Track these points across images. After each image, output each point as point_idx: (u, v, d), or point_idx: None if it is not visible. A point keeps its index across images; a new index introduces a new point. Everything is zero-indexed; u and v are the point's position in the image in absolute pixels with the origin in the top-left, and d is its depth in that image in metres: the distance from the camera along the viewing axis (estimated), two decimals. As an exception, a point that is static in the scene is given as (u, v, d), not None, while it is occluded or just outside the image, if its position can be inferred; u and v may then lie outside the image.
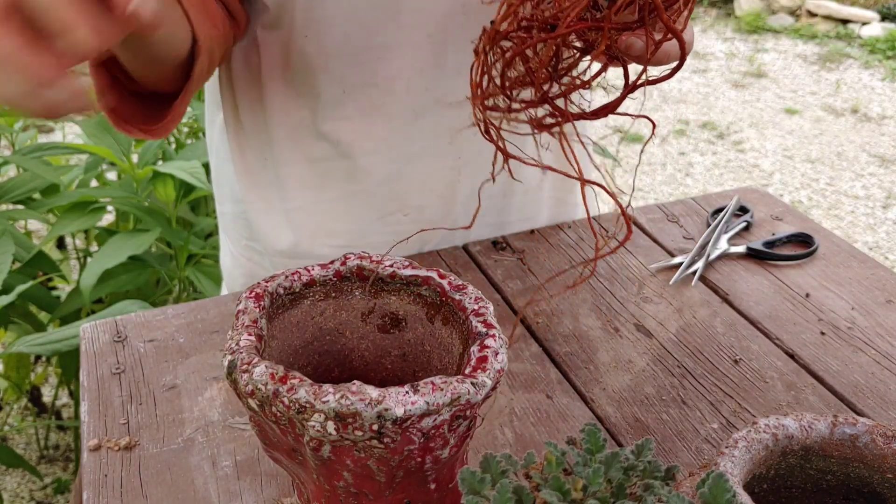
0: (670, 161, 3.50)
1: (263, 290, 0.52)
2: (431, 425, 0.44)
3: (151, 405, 0.67)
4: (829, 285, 0.85)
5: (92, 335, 0.76)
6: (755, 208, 0.97)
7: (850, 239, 2.90)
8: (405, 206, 0.86)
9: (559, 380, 0.71)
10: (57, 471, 1.83)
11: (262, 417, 0.46)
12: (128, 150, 1.59)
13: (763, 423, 0.48)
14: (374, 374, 0.57)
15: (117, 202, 1.62)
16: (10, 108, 0.46)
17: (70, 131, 3.23)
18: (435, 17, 0.76)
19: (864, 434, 0.48)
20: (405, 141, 0.82)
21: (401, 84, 0.79)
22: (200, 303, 0.80)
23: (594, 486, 0.39)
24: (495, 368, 0.46)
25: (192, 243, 1.60)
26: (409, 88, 0.79)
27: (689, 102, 4.07)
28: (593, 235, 0.60)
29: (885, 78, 4.31)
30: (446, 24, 0.77)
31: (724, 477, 0.38)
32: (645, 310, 0.80)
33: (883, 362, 0.74)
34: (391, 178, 0.84)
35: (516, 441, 0.64)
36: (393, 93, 0.80)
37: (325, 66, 0.78)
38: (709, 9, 5.39)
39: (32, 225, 2.48)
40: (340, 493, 0.47)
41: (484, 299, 0.52)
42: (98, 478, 0.60)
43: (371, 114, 0.80)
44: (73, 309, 1.55)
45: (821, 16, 5.00)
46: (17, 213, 1.62)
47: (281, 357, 0.53)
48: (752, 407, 0.68)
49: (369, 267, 0.56)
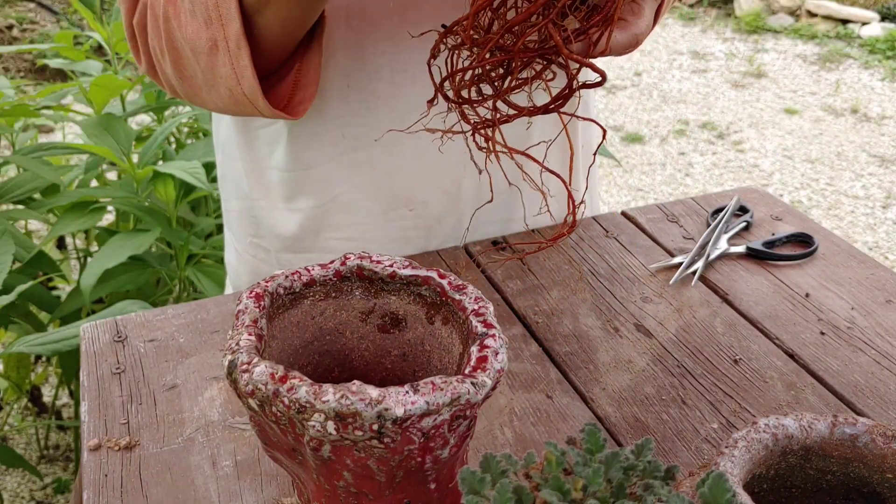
0: (670, 161, 3.50)
1: (263, 289, 0.52)
2: (431, 425, 0.44)
3: (151, 405, 0.67)
4: (829, 285, 0.85)
5: (92, 335, 0.76)
6: (755, 208, 0.97)
7: (850, 239, 2.90)
8: (410, 200, 0.86)
9: (559, 380, 0.71)
10: (57, 471, 1.83)
11: (262, 417, 0.46)
12: (128, 150, 1.59)
13: (763, 423, 0.48)
14: (374, 374, 0.57)
15: (117, 202, 1.62)
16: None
17: (70, 131, 3.23)
18: (440, 10, 0.76)
19: (863, 434, 0.48)
20: (409, 135, 0.82)
21: (405, 77, 0.79)
22: (200, 303, 0.80)
23: (594, 486, 0.39)
24: (495, 368, 0.46)
25: (193, 243, 1.60)
26: (413, 82, 0.80)
27: (689, 102, 4.07)
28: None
29: (885, 78, 4.31)
30: (451, 18, 0.77)
31: (724, 477, 0.38)
32: (645, 310, 0.81)
33: (883, 362, 0.74)
34: (395, 172, 0.84)
35: (516, 441, 0.64)
36: (397, 86, 0.80)
37: (330, 60, 0.78)
38: (709, 9, 5.39)
39: (32, 225, 2.48)
40: (340, 492, 0.47)
41: (484, 299, 0.52)
42: (98, 478, 0.60)
43: (375, 107, 0.81)
44: (73, 309, 1.55)
45: (821, 16, 4.99)
46: (18, 213, 1.62)
47: (281, 357, 0.53)
48: (751, 407, 0.68)
49: (369, 267, 0.56)
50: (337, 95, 0.80)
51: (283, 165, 0.85)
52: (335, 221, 0.87)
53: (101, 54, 2.38)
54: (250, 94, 0.69)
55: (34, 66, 4.09)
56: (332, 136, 0.82)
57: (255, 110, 0.71)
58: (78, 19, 4.55)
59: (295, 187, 0.86)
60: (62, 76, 3.80)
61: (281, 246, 0.90)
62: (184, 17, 0.68)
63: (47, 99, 1.80)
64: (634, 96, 4.15)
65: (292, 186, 0.86)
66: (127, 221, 1.85)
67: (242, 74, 0.67)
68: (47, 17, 4.69)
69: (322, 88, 0.79)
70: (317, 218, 0.87)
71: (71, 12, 4.64)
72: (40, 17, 4.67)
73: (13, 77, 4.03)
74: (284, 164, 0.85)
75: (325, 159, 0.84)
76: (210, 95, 0.72)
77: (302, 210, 0.87)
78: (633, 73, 4.42)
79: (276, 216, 0.89)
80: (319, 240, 0.88)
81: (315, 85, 0.74)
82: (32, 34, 4.47)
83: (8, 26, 4.46)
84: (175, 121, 1.74)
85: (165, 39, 0.70)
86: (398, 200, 0.86)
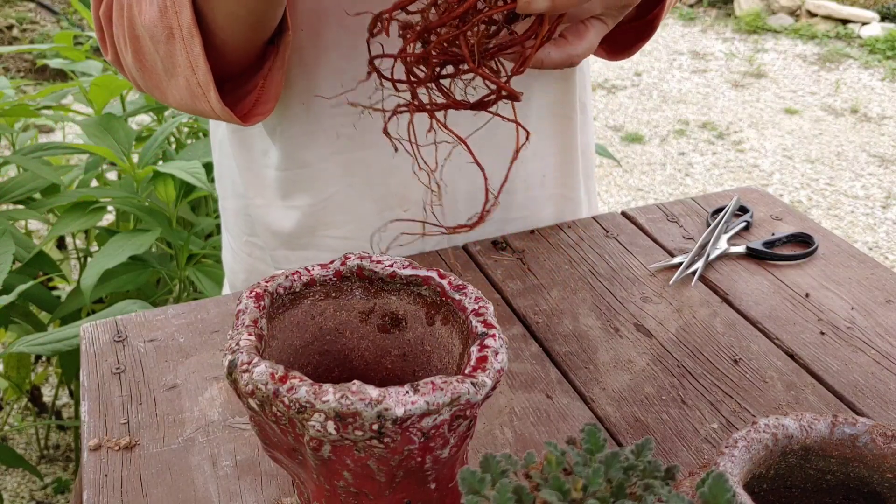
0: (670, 161, 3.50)
1: (263, 289, 0.52)
2: (431, 425, 0.44)
3: (151, 405, 0.67)
4: (829, 285, 0.85)
5: (92, 335, 0.76)
6: (755, 208, 0.97)
7: (850, 239, 2.90)
8: (405, 200, 0.86)
9: (559, 380, 0.71)
10: (57, 471, 1.83)
11: (262, 417, 0.46)
12: (128, 150, 1.59)
13: (763, 422, 0.48)
14: (374, 374, 0.57)
15: (118, 202, 1.62)
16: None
17: (70, 131, 3.23)
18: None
19: (863, 434, 0.48)
20: (403, 135, 0.82)
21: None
22: (200, 303, 0.80)
23: (594, 485, 0.39)
24: (495, 368, 0.46)
25: (193, 243, 1.60)
26: None
27: (689, 102, 4.07)
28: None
29: (885, 78, 4.31)
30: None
31: (724, 477, 0.38)
32: (645, 310, 0.81)
33: (883, 362, 0.74)
34: (389, 172, 0.84)
35: (516, 441, 0.64)
36: (390, 86, 0.80)
37: (322, 59, 0.78)
38: (709, 9, 5.39)
39: (33, 225, 2.48)
40: (340, 492, 0.47)
41: (484, 299, 0.52)
42: (98, 477, 0.60)
43: None
44: (73, 309, 1.55)
45: (820, 16, 5.00)
46: (18, 213, 1.62)
47: (281, 357, 0.53)
48: (751, 407, 0.68)
49: (369, 267, 0.56)
50: (329, 95, 0.80)
51: (278, 164, 0.85)
52: (330, 220, 0.87)
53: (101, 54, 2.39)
54: (203, 84, 0.69)
55: (34, 66, 4.09)
56: (326, 135, 0.82)
57: (208, 106, 0.71)
58: (78, 19, 4.55)
59: (290, 186, 0.86)
60: (62, 76, 3.80)
61: (276, 244, 0.91)
62: (144, 5, 0.69)
63: (47, 99, 1.80)
64: (634, 96, 4.16)
65: (287, 185, 0.86)
66: (127, 221, 1.85)
67: (196, 63, 0.68)
68: (47, 17, 4.69)
69: (314, 88, 0.80)
70: (312, 216, 0.87)
71: (71, 12, 4.64)
72: (40, 17, 4.67)
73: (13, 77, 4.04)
74: (279, 162, 0.85)
75: (319, 158, 0.84)
76: (170, 87, 0.72)
77: (298, 208, 0.87)
78: (633, 73, 4.42)
79: (271, 214, 0.89)
80: (315, 238, 0.88)
81: (275, 101, 0.74)
82: (32, 34, 4.47)
83: (8, 26, 4.46)
84: (175, 121, 1.74)
85: (127, 28, 0.71)
86: (393, 199, 0.86)
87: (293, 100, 0.81)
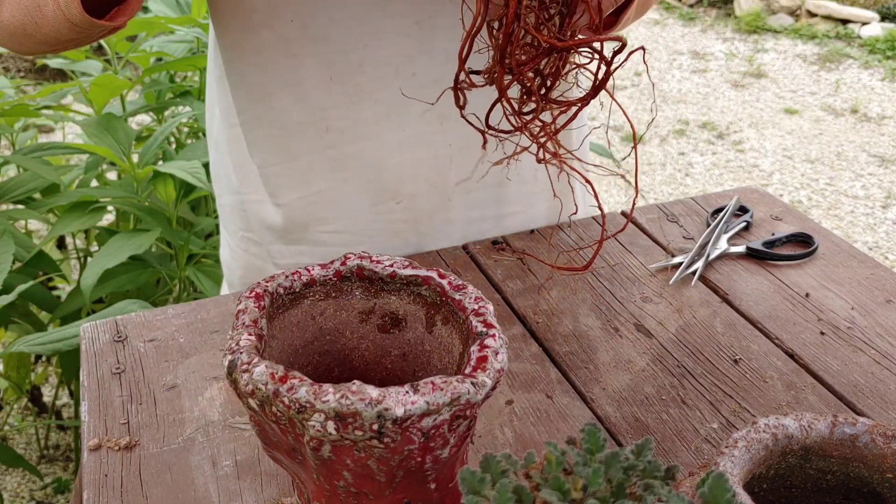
0: (670, 161, 3.50)
1: (263, 289, 0.52)
2: (431, 425, 0.44)
3: (151, 405, 0.67)
4: (829, 285, 0.85)
5: (92, 335, 0.76)
6: (755, 208, 0.97)
7: (850, 239, 2.90)
8: (397, 193, 0.86)
9: (559, 379, 0.71)
10: (57, 471, 1.83)
11: (262, 417, 0.46)
12: (128, 150, 1.59)
13: (763, 422, 0.48)
14: (374, 374, 0.57)
15: (117, 202, 1.62)
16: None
17: (70, 131, 3.22)
18: (422, 3, 0.76)
19: (863, 434, 0.48)
20: (393, 128, 0.82)
21: (389, 70, 0.79)
22: (200, 303, 0.80)
23: (594, 485, 0.39)
24: (495, 368, 0.46)
25: (193, 243, 1.60)
26: (397, 75, 0.80)
27: (689, 102, 4.07)
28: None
29: (885, 78, 4.31)
30: (433, 11, 0.77)
31: (724, 477, 0.38)
32: (645, 310, 0.81)
33: (883, 362, 0.74)
34: (381, 165, 0.84)
35: (516, 441, 0.64)
36: (381, 79, 0.80)
37: (313, 52, 0.78)
38: (709, 9, 5.39)
39: (33, 225, 2.48)
40: (340, 492, 0.47)
41: (484, 299, 0.52)
42: (98, 477, 0.60)
43: (359, 101, 0.80)
44: (73, 309, 1.55)
45: (820, 16, 4.99)
46: (18, 213, 1.62)
47: (281, 357, 0.53)
48: (751, 407, 0.68)
49: (369, 267, 0.56)
50: (320, 88, 0.80)
51: (268, 159, 0.85)
52: (323, 214, 0.87)
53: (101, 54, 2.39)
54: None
55: (34, 66, 4.09)
56: (316, 128, 0.82)
57: (57, 9, 0.62)
58: (78, 19, 4.53)
59: (280, 181, 0.86)
60: (62, 76, 3.80)
61: (271, 239, 0.91)
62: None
63: (47, 99, 1.80)
64: (634, 96, 4.15)
65: (278, 180, 0.86)
66: (127, 221, 1.85)
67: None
68: (47, 16, 4.67)
69: (305, 81, 0.79)
70: (304, 210, 0.87)
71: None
72: (40, 17, 4.66)
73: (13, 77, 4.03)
74: (269, 157, 0.85)
75: (309, 151, 0.83)
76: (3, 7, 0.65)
77: (288, 203, 0.87)
78: (633, 73, 4.42)
79: (265, 209, 0.89)
80: (309, 233, 0.88)
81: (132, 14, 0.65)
82: (32, 34, 4.46)
83: (8, 26, 4.45)
84: (175, 121, 1.74)
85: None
86: (385, 193, 0.86)
87: (282, 91, 0.81)
